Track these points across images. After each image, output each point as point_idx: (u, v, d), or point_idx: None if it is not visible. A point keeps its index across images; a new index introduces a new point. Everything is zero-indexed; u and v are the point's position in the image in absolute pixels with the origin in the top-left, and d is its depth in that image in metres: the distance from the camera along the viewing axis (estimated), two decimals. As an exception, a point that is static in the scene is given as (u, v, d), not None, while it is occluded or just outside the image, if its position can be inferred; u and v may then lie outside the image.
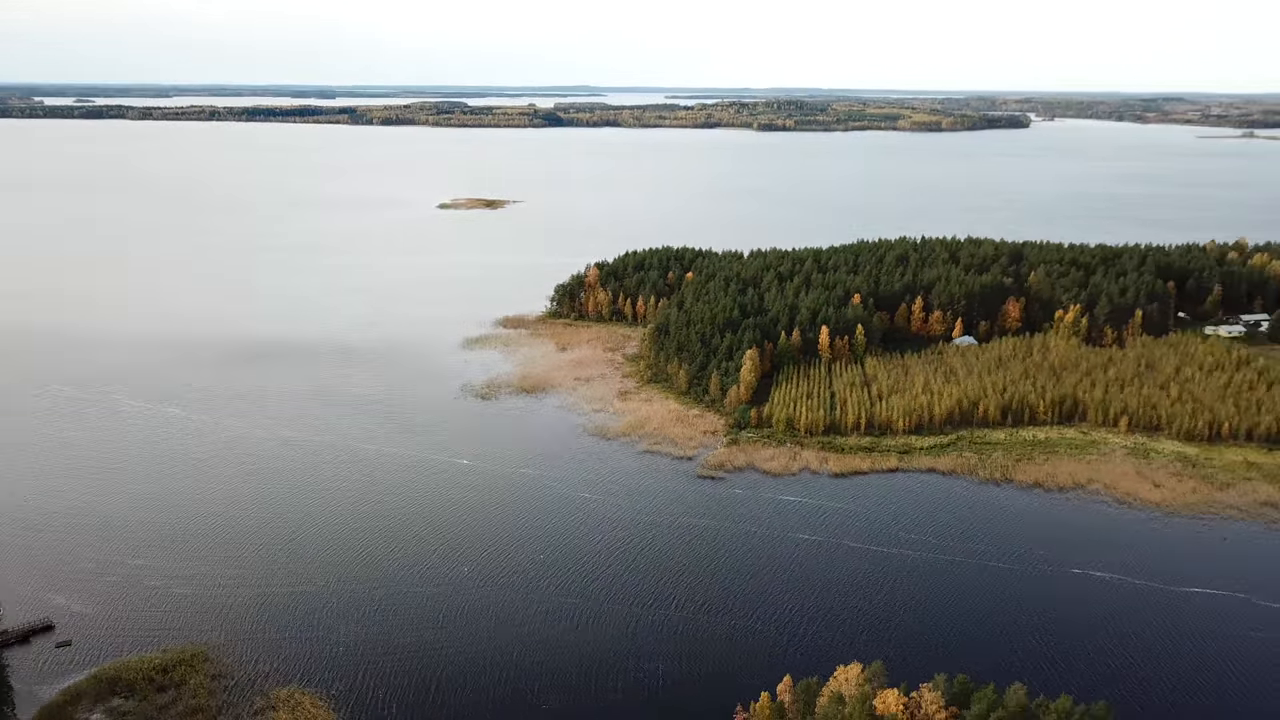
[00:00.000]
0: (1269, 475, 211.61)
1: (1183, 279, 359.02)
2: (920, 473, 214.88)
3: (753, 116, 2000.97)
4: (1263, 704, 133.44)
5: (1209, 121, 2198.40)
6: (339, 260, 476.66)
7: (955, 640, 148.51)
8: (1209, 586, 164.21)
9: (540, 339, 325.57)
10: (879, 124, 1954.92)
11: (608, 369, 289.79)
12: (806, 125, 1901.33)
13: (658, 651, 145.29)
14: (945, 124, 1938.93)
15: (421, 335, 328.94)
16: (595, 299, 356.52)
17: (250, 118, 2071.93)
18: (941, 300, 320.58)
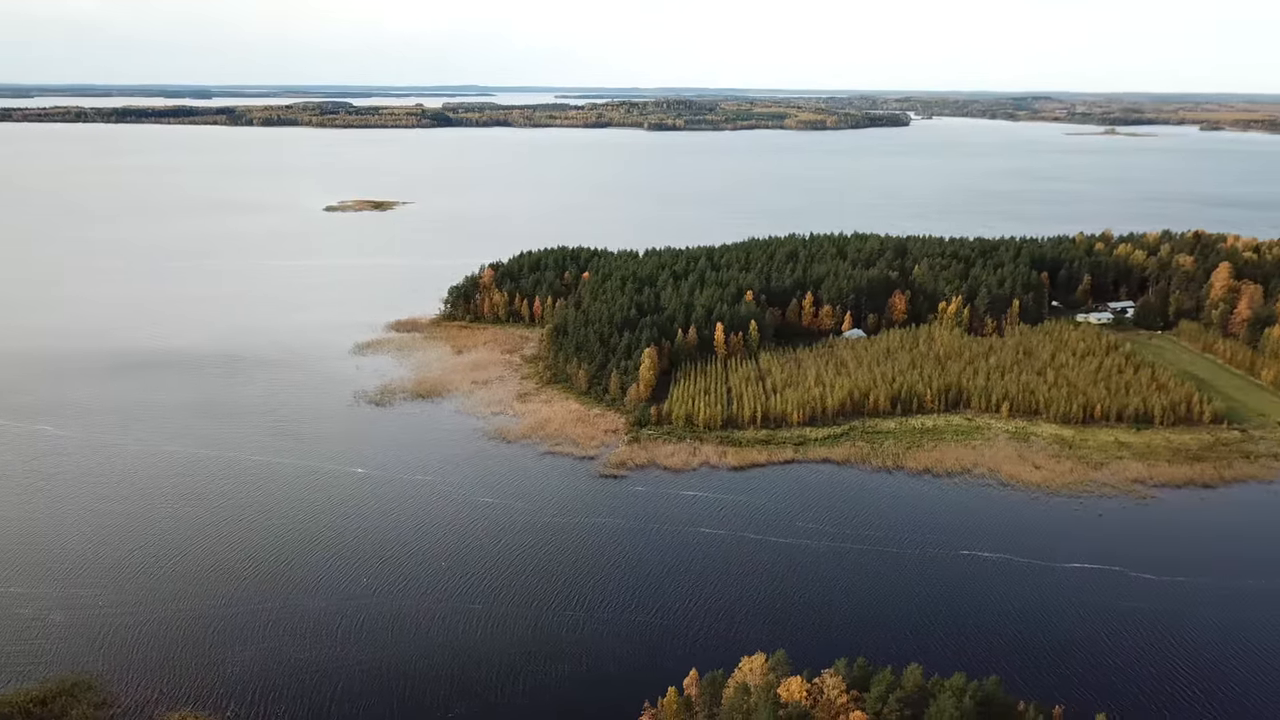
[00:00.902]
0: (1138, 453, 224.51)
1: (1055, 269, 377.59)
2: (815, 463, 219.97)
3: (643, 116, 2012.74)
4: (1136, 669, 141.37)
5: (1075, 119, 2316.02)
6: (220, 266, 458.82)
7: (854, 625, 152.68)
8: (1087, 561, 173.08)
9: (435, 342, 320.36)
10: (767, 123, 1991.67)
11: (506, 371, 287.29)
12: (696, 124, 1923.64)
13: (563, 652, 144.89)
14: (830, 122, 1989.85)
15: (310, 341, 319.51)
16: (491, 300, 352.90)
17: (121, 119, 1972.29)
18: (831, 295, 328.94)
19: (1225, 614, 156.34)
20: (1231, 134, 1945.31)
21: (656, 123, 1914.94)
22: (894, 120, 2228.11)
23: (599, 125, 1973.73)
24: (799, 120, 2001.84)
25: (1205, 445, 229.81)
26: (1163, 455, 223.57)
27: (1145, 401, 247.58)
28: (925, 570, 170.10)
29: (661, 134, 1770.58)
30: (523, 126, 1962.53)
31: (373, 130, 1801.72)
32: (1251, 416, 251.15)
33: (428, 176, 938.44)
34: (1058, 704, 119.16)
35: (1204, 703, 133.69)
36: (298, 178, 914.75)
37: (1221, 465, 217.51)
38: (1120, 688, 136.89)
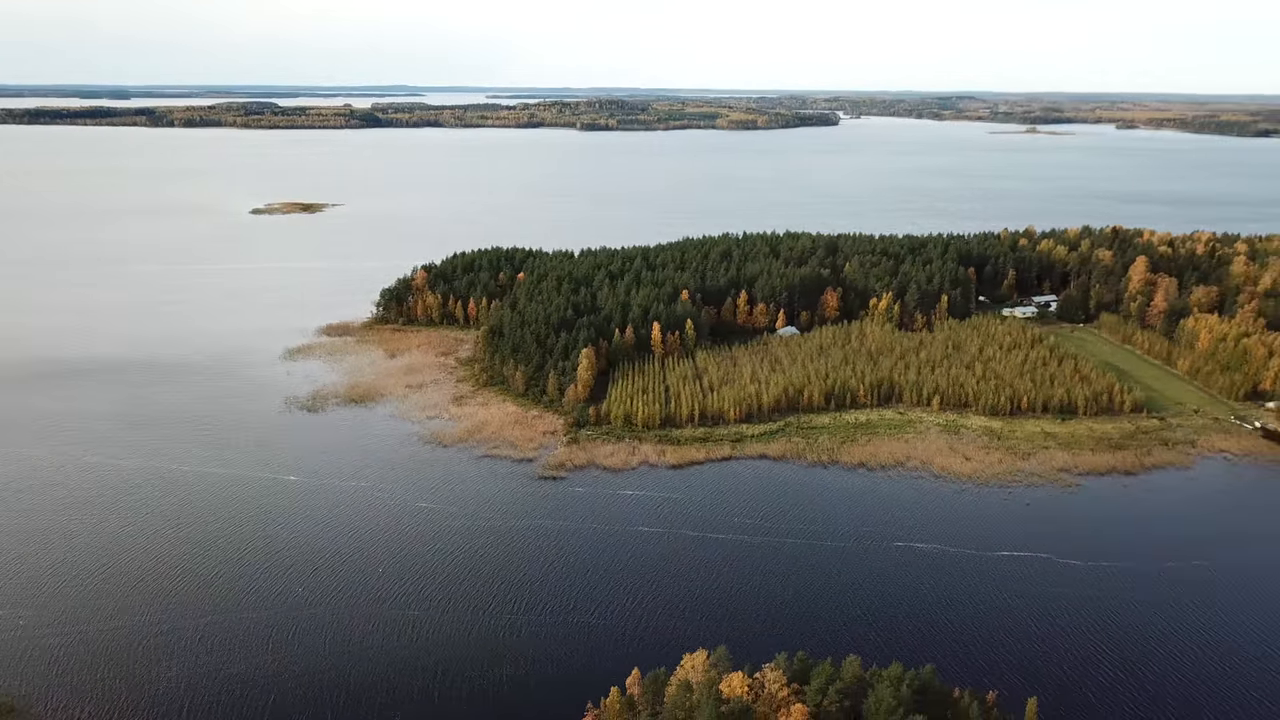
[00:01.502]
0: (1063, 443, 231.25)
1: (981, 265, 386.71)
2: (752, 459, 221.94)
3: (576, 116, 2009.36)
4: (1064, 653, 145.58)
5: (998, 118, 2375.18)
6: (143, 271, 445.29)
7: (794, 619, 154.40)
8: (1016, 549, 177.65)
9: (368, 346, 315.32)
10: (698, 123, 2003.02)
11: (441, 374, 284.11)
12: (629, 125, 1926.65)
13: (503, 656, 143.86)
14: (761, 122, 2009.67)
15: (238, 347, 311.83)
16: (424, 303, 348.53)
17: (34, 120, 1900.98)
18: (764, 293, 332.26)
19: (1147, 596, 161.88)
20: (1145, 132, 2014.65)
21: (589, 123, 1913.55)
22: (823, 120, 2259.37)
23: (531, 125, 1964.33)
24: (730, 120, 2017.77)
25: (1126, 434, 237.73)
26: (1086, 444, 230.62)
27: (1069, 392, 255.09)
28: (861, 562, 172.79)
29: (594, 134, 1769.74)
30: (454, 127, 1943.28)
31: (300, 131, 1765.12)
32: (1169, 405, 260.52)
33: (358, 178, 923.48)
34: (991, 690, 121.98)
35: (1129, 683, 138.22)
36: (223, 180, 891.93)
37: (1141, 453, 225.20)
38: (1051, 672, 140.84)
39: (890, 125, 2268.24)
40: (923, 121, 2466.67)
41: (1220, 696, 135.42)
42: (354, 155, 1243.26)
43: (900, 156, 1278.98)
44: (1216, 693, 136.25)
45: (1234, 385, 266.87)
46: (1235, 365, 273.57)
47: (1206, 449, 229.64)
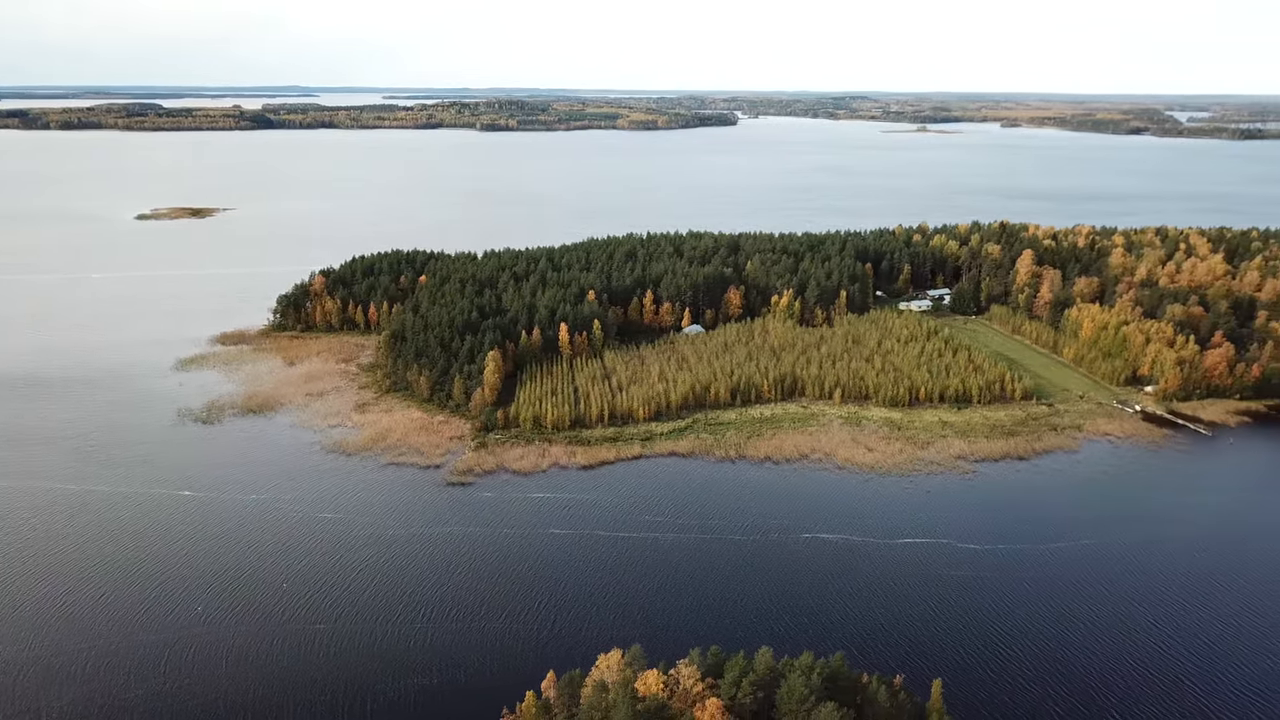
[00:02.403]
0: (960, 431, 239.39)
1: (878, 261, 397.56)
2: (662, 457, 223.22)
3: (475, 117, 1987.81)
4: (965, 634, 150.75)
5: (889, 117, 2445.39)
6: (21, 281, 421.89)
7: (707, 614, 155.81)
8: (918, 536, 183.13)
9: (265, 354, 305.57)
10: (599, 123, 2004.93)
11: (342, 381, 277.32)
12: (529, 125, 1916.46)
13: (413, 667, 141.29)
14: (661, 122, 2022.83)
15: (126, 359, 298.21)
16: (323, 308, 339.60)
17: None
18: (670, 292, 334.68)
19: (1039, 575, 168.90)
20: (1028, 130, 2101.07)
21: (489, 123, 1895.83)
22: (722, 120, 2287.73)
23: (430, 126, 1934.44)
24: (631, 120, 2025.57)
25: (1018, 420, 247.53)
26: (981, 432, 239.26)
27: (964, 382, 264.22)
28: (770, 555, 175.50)
29: (495, 134, 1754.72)
30: (350, 128, 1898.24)
31: (187, 133, 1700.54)
32: (1056, 392, 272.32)
33: (250, 181, 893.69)
34: (898, 673, 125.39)
35: (1026, 659, 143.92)
36: (105, 184, 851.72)
37: (1032, 438, 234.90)
38: (953, 652, 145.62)
39: (787, 125, 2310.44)
40: (818, 121, 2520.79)
41: (1111, 666, 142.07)
42: (245, 158, 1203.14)
43: (797, 155, 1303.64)
44: (1108, 663, 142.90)
45: (1115, 371, 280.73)
46: (1116, 352, 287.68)
47: (1092, 432, 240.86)
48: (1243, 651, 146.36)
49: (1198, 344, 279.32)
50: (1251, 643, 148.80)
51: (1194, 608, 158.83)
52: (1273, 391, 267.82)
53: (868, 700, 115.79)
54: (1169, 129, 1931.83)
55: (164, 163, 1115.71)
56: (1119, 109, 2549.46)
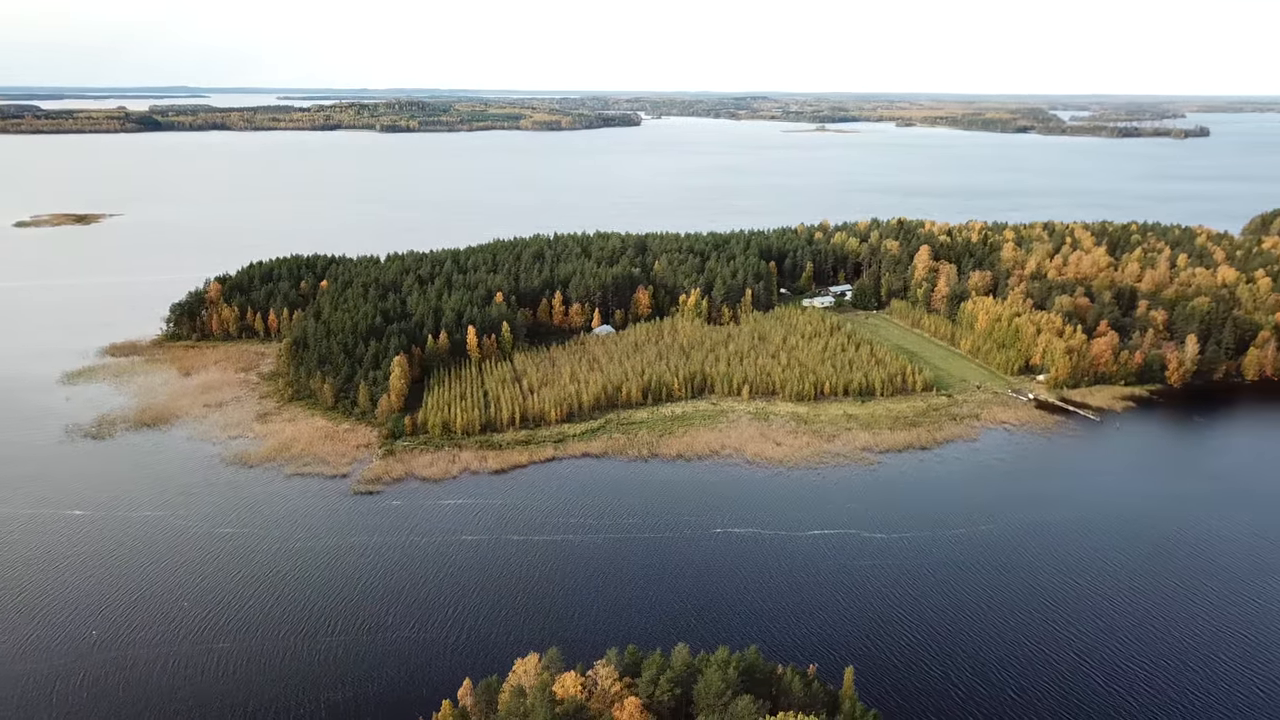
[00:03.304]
0: (864, 424, 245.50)
1: (781, 259, 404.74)
2: (575, 459, 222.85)
3: (375, 118, 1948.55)
4: (874, 621, 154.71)
5: (789, 117, 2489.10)
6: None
7: (623, 613, 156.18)
8: (826, 527, 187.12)
9: (159, 365, 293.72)
10: (502, 124, 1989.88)
11: (242, 391, 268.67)
12: (431, 126, 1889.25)
13: (322, 682, 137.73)
14: (565, 123, 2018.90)
15: (7, 373, 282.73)
16: (220, 316, 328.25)
17: None
18: (579, 293, 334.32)
19: (942, 561, 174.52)
20: (922, 129, 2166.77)
21: (389, 124, 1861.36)
22: (626, 120, 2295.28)
23: (328, 128, 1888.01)
24: (534, 121, 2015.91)
25: (919, 411, 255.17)
26: (884, 423, 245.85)
27: (867, 376, 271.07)
28: (684, 552, 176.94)
29: (395, 136, 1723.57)
30: (243, 130, 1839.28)
31: (68, 136, 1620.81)
32: (955, 383, 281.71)
33: (137, 185, 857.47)
34: (811, 663, 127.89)
35: (928, 643, 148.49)
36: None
37: (934, 428, 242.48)
38: (863, 639, 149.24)
39: (690, 125, 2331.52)
40: (720, 121, 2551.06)
41: (1009, 647, 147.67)
42: (132, 161, 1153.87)
43: (701, 155, 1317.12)
44: (1006, 644, 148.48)
45: (1009, 361, 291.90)
46: (1009, 343, 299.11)
47: (989, 421, 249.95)
48: (1129, 629, 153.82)
49: (1085, 333, 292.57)
50: (1137, 621, 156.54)
51: (1085, 589, 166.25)
52: (1154, 377, 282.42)
53: (783, 691, 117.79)
54: (1053, 127, 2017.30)
55: (44, 167, 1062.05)
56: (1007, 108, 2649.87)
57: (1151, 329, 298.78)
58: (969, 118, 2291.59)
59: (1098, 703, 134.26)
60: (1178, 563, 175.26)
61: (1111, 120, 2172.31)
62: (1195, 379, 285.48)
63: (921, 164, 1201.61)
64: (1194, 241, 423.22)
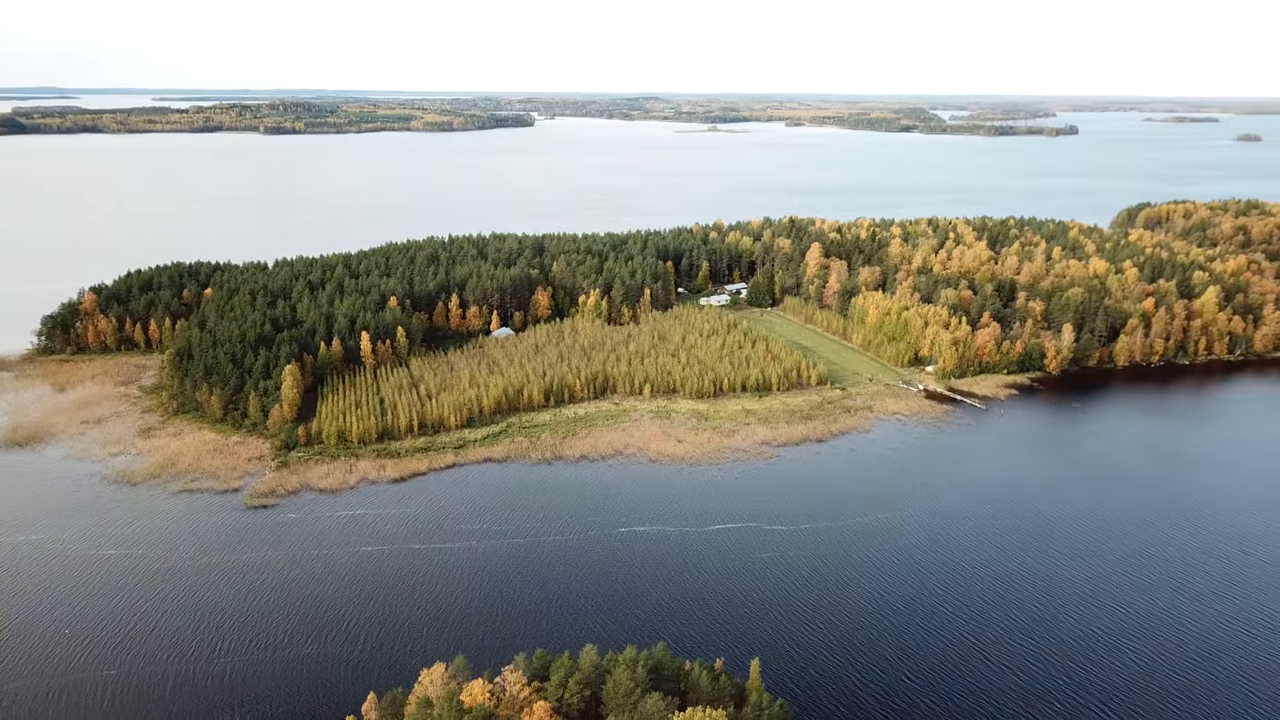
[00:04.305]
0: (762, 419, 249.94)
1: (678, 258, 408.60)
2: (477, 464, 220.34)
3: (258, 119, 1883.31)
4: (777, 612, 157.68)
5: (681, 118, 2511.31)
6: None
7: (530, 618, 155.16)
8: (728, 522, 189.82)
9: (30, 381, 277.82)
10: (392, 125, 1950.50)
11: (123, 405, 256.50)
12: (317, 127, 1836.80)
13: (218, 704, 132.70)
14: (457, 124, 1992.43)
15: None
16: (96, 328, 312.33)
17: None
18: (476, 295, 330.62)
19: (841, 550, 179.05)
20: (810, 129, 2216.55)
21: (273, 126, 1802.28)
22: (519, 121, 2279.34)
23: (208, 130, 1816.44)
24: (425, 122, 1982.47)
25: (815, 405, 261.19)
26: (782, 418, 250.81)
27: (764, 372, 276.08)
28: (589, 552, 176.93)
29: (280, 137, 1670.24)
30: (117, 132, 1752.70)
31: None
32: (848, 376, 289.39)
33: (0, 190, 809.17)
34: (718, 657, 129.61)
35: (829, 632, 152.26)
36: None
37: (829, 421, 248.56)
38: (768, 631, 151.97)
39: (583, 125, 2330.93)
40: (613, 121, 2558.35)
41: (905, 631, 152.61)
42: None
43: (595, 155, 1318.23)
44: (902, 628, 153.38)
45: (899, 354, 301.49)
46: (899, 336, 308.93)
47: (882, 412, 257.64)
48: (1016, 609, 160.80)
49: (969, 325, 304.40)
50: (1023, 601, 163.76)
51: (975, 572, 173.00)
52: (1034, 365, 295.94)
53: (691, 686, 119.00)
54: (934, 126, 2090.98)
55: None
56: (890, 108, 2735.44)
57: (1030, 319, 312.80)
58: (855, 117, 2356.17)
59: (986, 681, 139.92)
60: (1061, 542, 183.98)
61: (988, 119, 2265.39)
62: (1072, 366, 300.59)
63: (810, 163, 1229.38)
64: (1067, 235, 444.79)
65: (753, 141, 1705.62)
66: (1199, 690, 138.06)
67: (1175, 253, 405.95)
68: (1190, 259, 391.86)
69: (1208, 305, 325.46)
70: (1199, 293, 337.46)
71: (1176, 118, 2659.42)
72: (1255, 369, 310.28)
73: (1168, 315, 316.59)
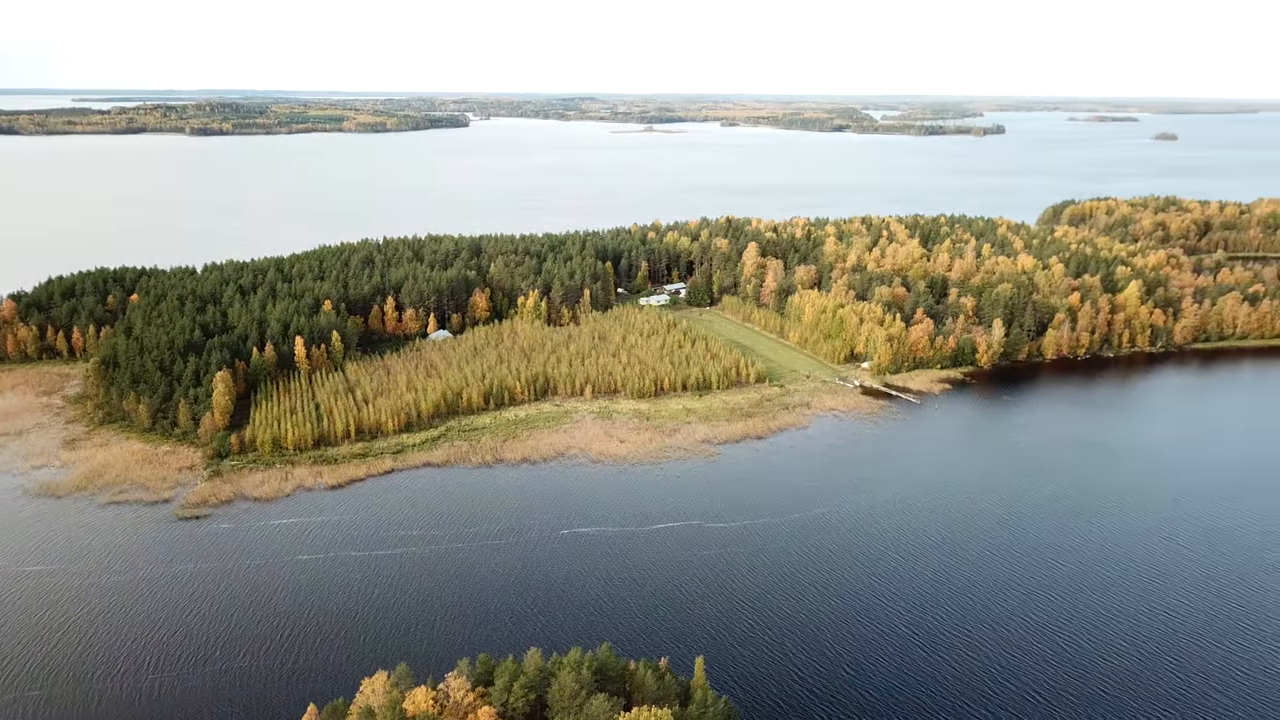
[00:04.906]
0: (703, 417, 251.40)
1: (617, 259, 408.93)
2: (416, 469, 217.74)
3: (184, 120, 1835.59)
4: (719, 609, 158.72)
5: (618, 118, 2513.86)
6: None
7: (473, 623, 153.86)
8: (671, 520, 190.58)
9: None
10: (324, 125, 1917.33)
11: (46, 416, 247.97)
12: (246, 129, 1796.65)
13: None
14: (390, 124, 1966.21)
15: None
16: (16, 337, 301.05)
17: None
18: (412, 298, 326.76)
19: (781, 546, 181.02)
20: (745, 129, 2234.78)
21: (200, 127, 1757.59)
22: (454, 122, 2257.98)
23: (131, 131, 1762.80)
24: (359, 123, 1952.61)
25: (754, 403, 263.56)
26: (722, 416, 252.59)
27: (704, 370, 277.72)
28: (532, 555, 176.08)
29: (208, 139, 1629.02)
30: (34, 134, 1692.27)
31: None
32: (786, 373, 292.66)
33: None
34: (663, 656, 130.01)
35: (770, 627, 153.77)
36: None
37: (768, 418, 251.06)
38: (711, 629, 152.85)
39: (519, 126, 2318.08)
40: (549, 122, 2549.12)
41: (845, 624, 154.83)
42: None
43: (531, 156, 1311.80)
44: (842, 621, 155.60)
45: (835, 350, 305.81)
46: (835, 333, 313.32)
47: (819, 409, 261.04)
48: (950, 599, 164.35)
49: (903, 321, 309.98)
50: (957, 591, 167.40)
51: (911, 564, 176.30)
52: (966, 360, 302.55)
53: (636, 686, 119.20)
54: (867, 126, 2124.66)
55: None
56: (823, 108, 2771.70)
57: (962, 315, 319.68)
58: (789, 117, 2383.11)
59: (923, 670, 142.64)
60: (993, 533, 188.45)
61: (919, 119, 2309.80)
62: (1002, 360, 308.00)
63: (746, 163, 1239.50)
64: (996, 232, 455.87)
65: (689, 142, 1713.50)
66: (1126, 673, 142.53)
67: (1099, 248, 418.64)
68: (1113, 254, 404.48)
69: (1130, 299, 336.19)
70: (1122, 287, 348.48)
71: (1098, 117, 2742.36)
72: (1176, 360, 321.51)
73: (1093, 309, 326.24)
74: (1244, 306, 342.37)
